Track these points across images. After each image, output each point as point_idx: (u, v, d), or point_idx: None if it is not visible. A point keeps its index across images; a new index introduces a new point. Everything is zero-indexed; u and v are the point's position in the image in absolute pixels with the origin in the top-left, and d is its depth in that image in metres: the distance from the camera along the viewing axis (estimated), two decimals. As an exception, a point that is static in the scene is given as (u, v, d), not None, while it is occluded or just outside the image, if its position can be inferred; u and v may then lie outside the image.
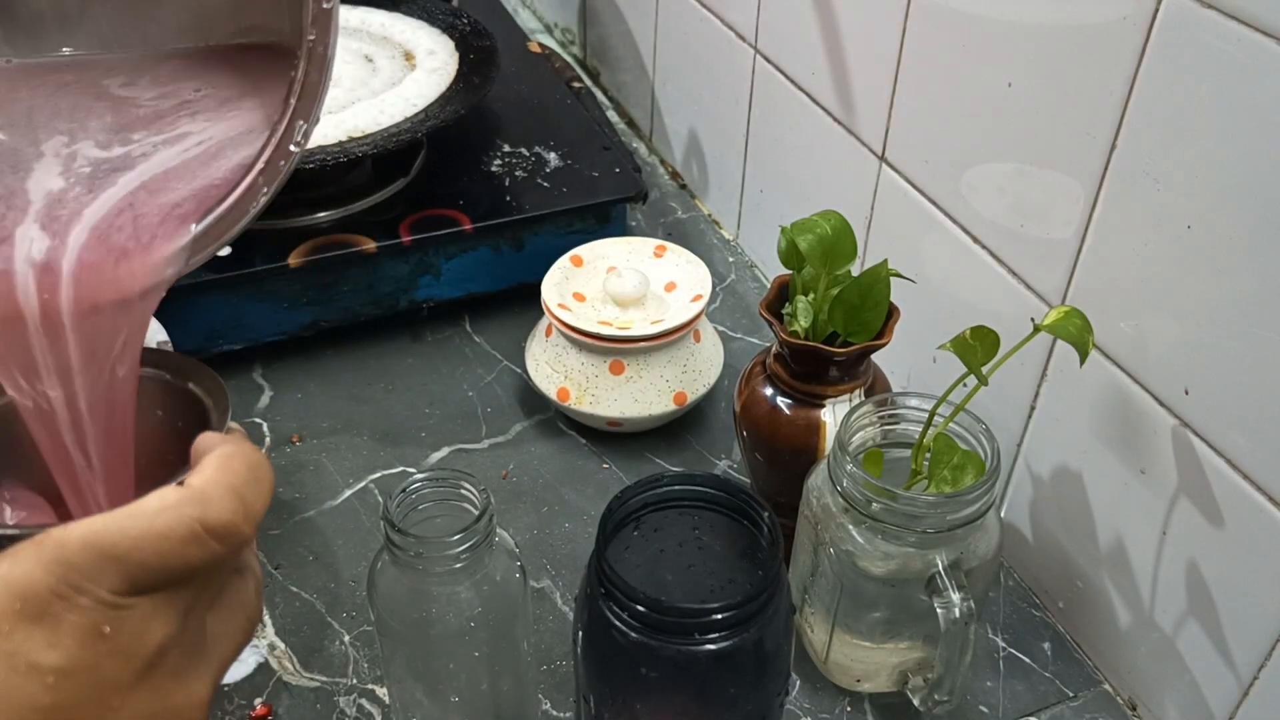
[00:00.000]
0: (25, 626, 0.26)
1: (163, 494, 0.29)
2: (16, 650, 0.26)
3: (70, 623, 0.27)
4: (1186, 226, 0.48)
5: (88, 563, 0.27)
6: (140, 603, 0.28)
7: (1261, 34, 0.42)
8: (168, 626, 0.28)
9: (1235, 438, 0.48)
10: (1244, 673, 0.51)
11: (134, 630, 0.28)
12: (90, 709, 0.27)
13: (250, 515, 0.30)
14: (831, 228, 0.56)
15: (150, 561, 0.27)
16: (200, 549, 0.28)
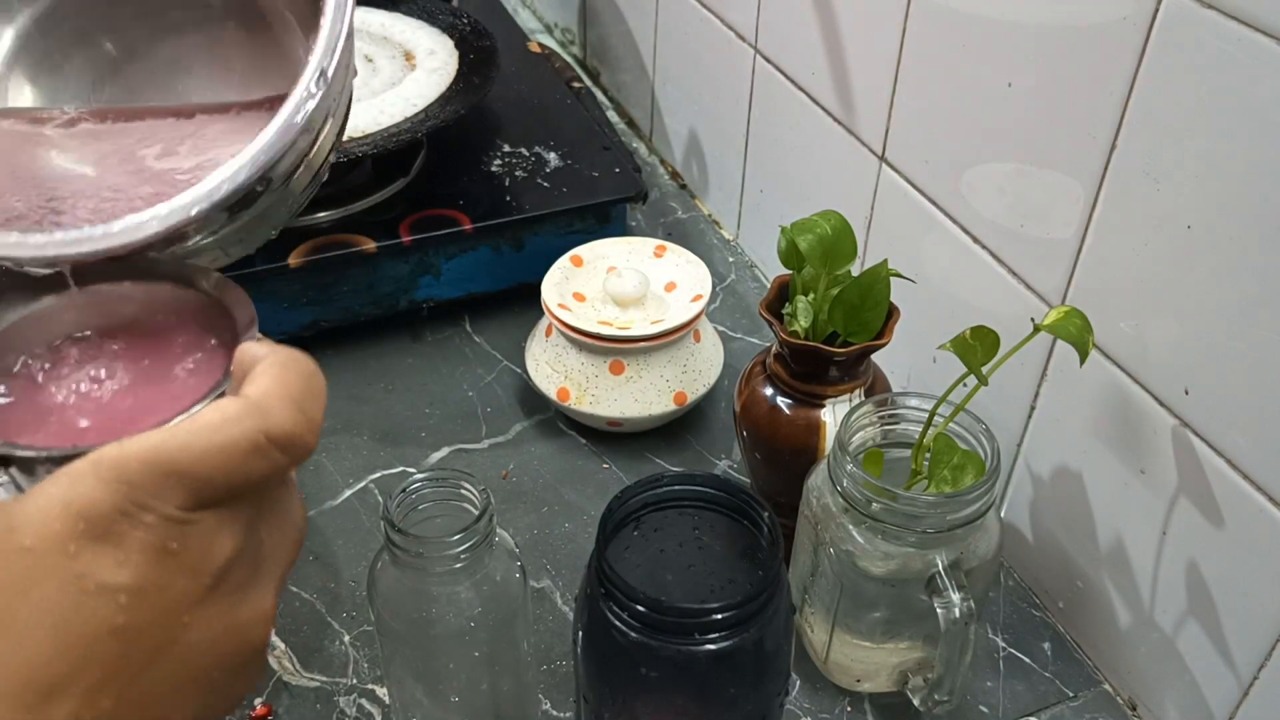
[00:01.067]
0: (92, 547, 0.25)
1: (221, 407, 0.28)
2: (85, 572, 0.25)
3: (137, 541, 0.26)
4: (1186, 226, 0.48)
5: (150, 480, 0.26)
6: (205, 517, 0.27)
7: (1261, 34, 0.42)
8: (233, 540, 0.28)
9: (1235, 438, 0.48)
10: (1244, 673, 0.51)
11: (200, 546, 0.27)
12: (162, 628, 0.27)
13: (312, 425, 0.29)
14: (831, 228, 0.56)
15: (214, 476, 0.27)
16: (264, 461, 0.28)
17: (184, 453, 0.27)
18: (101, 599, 0.25)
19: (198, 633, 0.27)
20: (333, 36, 0.38)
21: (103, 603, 0.26)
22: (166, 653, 0.27)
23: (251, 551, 0.29)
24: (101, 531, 0.26)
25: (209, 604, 0.28)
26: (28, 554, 0.25)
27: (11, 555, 0.25)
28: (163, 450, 0.26)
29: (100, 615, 0.25)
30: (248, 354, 0.30)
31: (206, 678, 0.28)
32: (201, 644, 0.27)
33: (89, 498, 0.26)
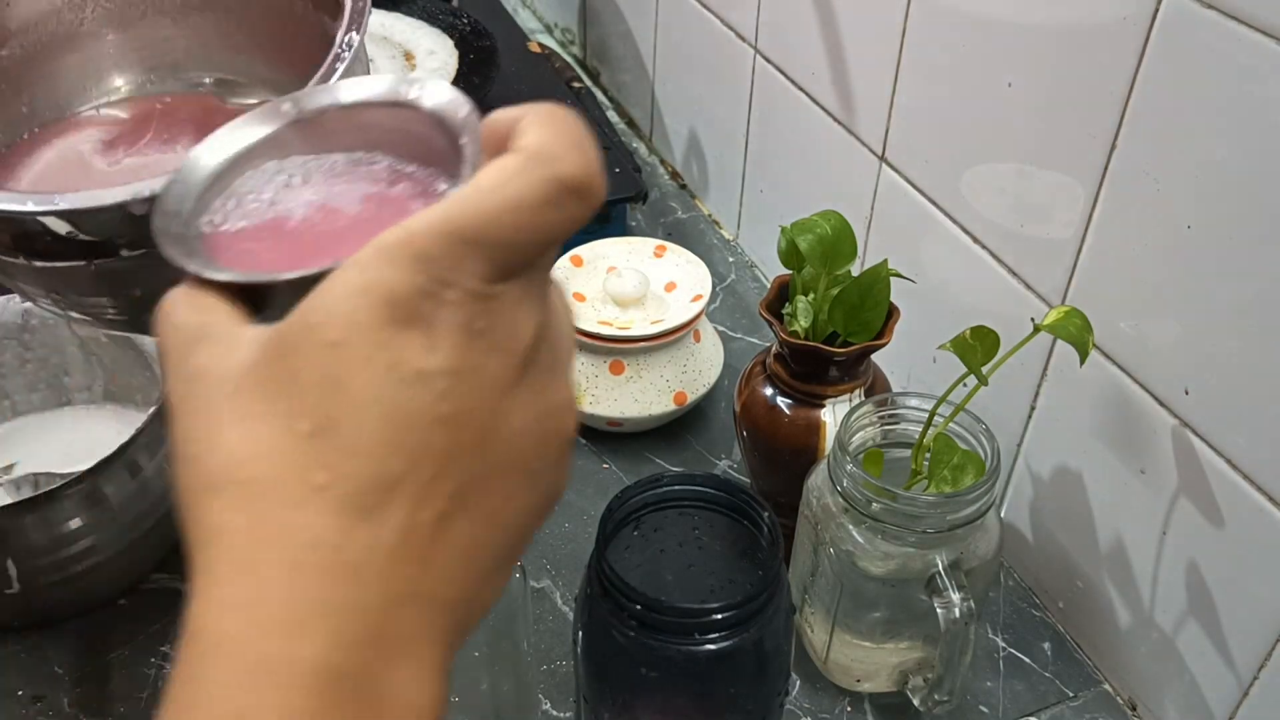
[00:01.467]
0: (401, 333, 0.23)
1: (500, 165, 0.25)
2: (398, 359, 0.23)
3: (444, 321, 0.24)
4: (1187, 226, 0.48)
5: (446, 252, 0.24)
6: (507, 290, 0.25)
7: (1262, 34, 0.42)
8: (535, 315, 0.26)
9: (1235, 438, 0.48)
10: (1244, 673, 0.51)
11: (507, 323, 0.25)
12: (482, 414, 0.24)
13: (600, 168, 0.26)
14: (831, 228, 0.56)
15: (510, 236, 0.24)
16: (558, 212, 0.25)
17: (477, 216, 0.24)
18: (420, 387, 0.24)
19: (517, 418, 0.25)
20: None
21: (422, 390, 0.24)
22: (490, 442, 0.25)
23: (550, 332, 0.27)
24: (407, 315, 0.23)
25: (522, 387, 0.25)
26: (336, 348, 0.23)
27: (319, 352, 0.23)
28: (454, 219, 0.24)
29: (423, 404, 0.24)
30: (500, 118, 0.27)
31: (529, 468, 0.26)
32: (521, 430, 0.25)
33: (389, 282, 0.23)
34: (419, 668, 0.24)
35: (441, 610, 0.24)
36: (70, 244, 0.36)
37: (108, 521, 0.57)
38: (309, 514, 0.23)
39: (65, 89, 0.48)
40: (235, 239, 0.30)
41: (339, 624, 0.23)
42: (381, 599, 0.23)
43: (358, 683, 0.23)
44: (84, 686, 0.56)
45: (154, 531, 0.59)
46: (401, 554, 0.23)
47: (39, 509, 0.54)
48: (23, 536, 0.54)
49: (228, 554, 0.23)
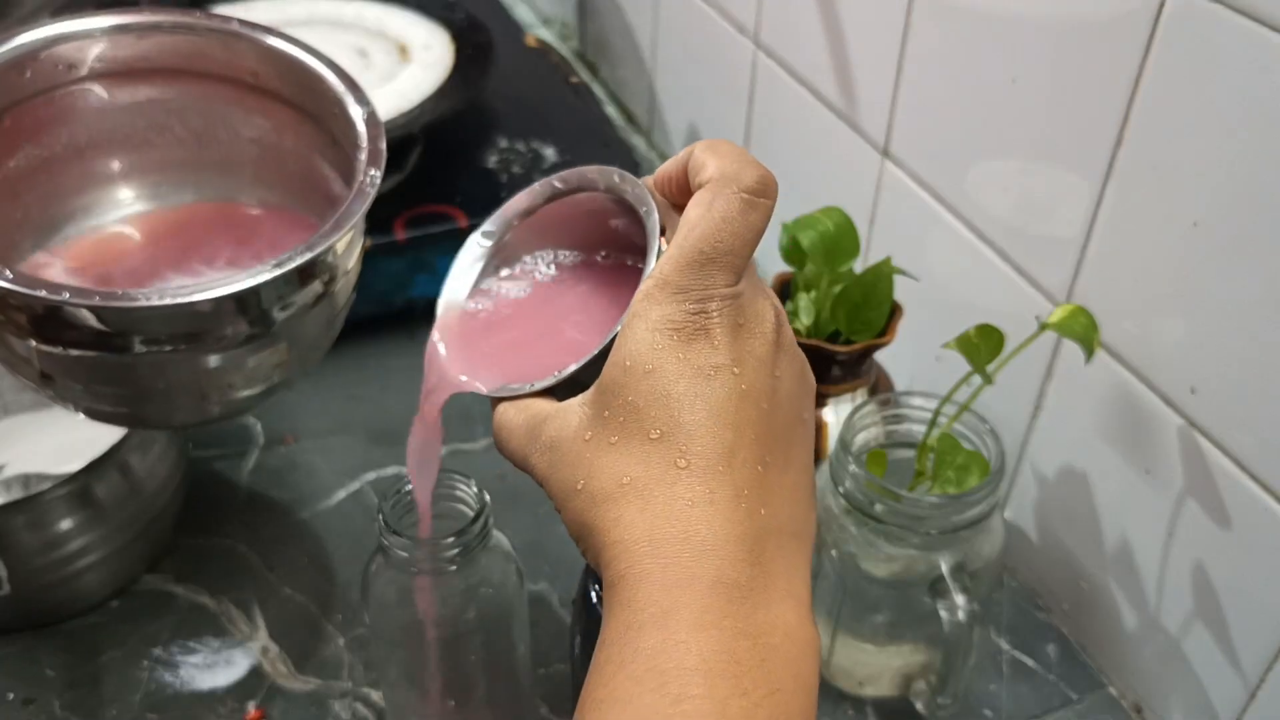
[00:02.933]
0: (692, 346, 0.31)
1: (697, 199, 0.33)
2: (699, 364, 0.31)
3: (716, 325, 0.32)
4: (1193, 224, 0.47)
5: (695, 276, 0.32)
6: (744, 288, 0.32)
7: (1268, 28, 0.42)
8: (769, 298, 0.34)
9: (1242, 438, 0.48)
10: (1250, 675, 0.50)
11: (755, 312, 0.33)
12: (766, 384, 0.32)
13: (766, 170, 0.33)
14: (834, 224, 0.55)
15: (732, 244, 0.32)
16: (756, 212, 0.32)
17: (703, 240, 0.32)
18: (722, 376, 0.31)
19: (785, 381, 0.33)
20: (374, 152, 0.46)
21: (724, 378, 0.31)
22: (776, 403, 0.32)
23: (781, 309, 0.35)
24: (690, 332, 0.32)
25: (780, 358, 0.33)
26: (652, 374, 0.31)
27: (642, 381, 0.31)
28: (688, 251, 0.32)
29: (729, 387, 0.31)
30: (670, 167, 0.35)
31: (802, 417, 0.34)
32: (790, 390, 0.33)
33: (667, 315, 0.32)
34: (787, 589, 0.31)
35: (789, 541, 0.32)
36: (89, 333, 0.40)
37: (99, 522, 0.56)
38: (681, 486, 0.30)
39: (70, 199, 0.51)
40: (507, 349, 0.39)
41: (726, 550, 0.30)
42: (750, 530, 0.30)
43: (745, 592, 0.30)
44: (75, 689, 0.56)
45: (146, 533, 0.59)
46: (754, 498, 0.31)
47: (30, 510, 0.54)
48: (13, 538, 0.54)
49: (629, 532, 0.30)
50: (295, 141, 0.50)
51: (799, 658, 0.30)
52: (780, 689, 0.29)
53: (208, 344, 0.41)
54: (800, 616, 0.31)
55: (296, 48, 0.49)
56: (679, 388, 0.31)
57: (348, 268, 0.46)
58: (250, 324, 0.42)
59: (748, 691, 0.28)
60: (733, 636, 0.29)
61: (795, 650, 0.30)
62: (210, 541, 0.64)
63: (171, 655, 0.58)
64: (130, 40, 0.48)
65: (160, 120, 0.51)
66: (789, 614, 0.30)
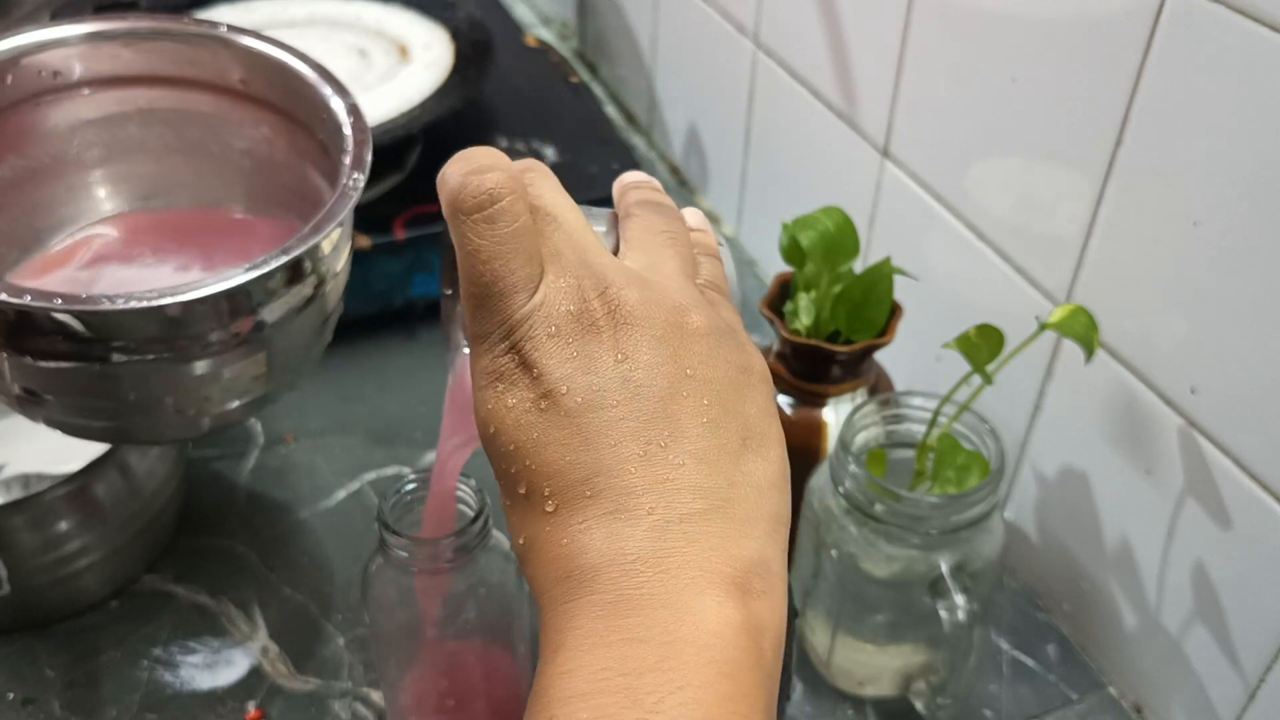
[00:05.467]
0: (515, 387, 0.30)
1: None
2: (527, 403, 0.29)
3: (530, 354, 0.30)
4: (1193, 223, 0.47)
5: (483, 321, 0.30)
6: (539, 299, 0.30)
7: (1268, 28, 0.42)
8: (584, 275, 0.31)
9: (1243, 438, 0.48)
10: (1250, 676, 0.50)
11: (566, 315, 0.30)
12: (612, 375, 0.29)
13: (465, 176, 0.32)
14: (833, 224, 0.55)
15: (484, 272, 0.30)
16: (483, 226, 0.30)
17: (464, 280, 0.31)
18: (552, 402, 0.29)
19: (644, 351, 0.30)
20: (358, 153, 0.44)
21: (555, 403, 0.29)
22: (635, 384, 0.29)
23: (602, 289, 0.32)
24: (511, 375, 0.30)
25: (624, 334, 0.30)
26: (499, 434, 0.30)
27: (494, 443, 0.30)
28: (465, 296, 0.31)
29: (564, 410, 0.29)
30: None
31: (684, 374, 0.30)
32: (650, 359, 0.30)
33: (484, 371, 0.30)
34: (700, 574, 0.28)
35: (700, 523, 0.28)
36: (74, 342, 0.39)
37: (98, 522, 0.56)
38: (555, 530, 0.29)
39: (55, 209, 0.50)
40: None
41: (609, 571, 0.28)
42: (635, 539, 0.28)
43: (638, 599, 0.27)
44: (75, 689, 0.56)
45: (145, 533, 0.59)
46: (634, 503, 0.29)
47: (29, 510, 0.53)
48: (13, 537, 0.54)
49: (535, 585, 0.29)
50: (287, 152, 0.49)
51: (717, 643, 0.27)
52: (688, 684, 0.26)
53: (191, 351, 0.40)
54: (720, 598, 0.27)
55: (282, 51, 0.47)
56: (520, 437, 0.29)
57: (335, 270, 0.45)
58: (235, 329, 0.40)
59: (641, 699, 0.25)
60: (624, 646, 0.26)
61: (710, 637, 0.27)
62: (210, 541, 0.64)
63: (171, 655, 0.58)
64: (115, 47, 0.47)
65: (151, 130, 0.50)
66: (704, 599, 0.27)
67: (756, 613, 0.28)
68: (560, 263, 0.30)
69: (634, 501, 0.28)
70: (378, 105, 0.75)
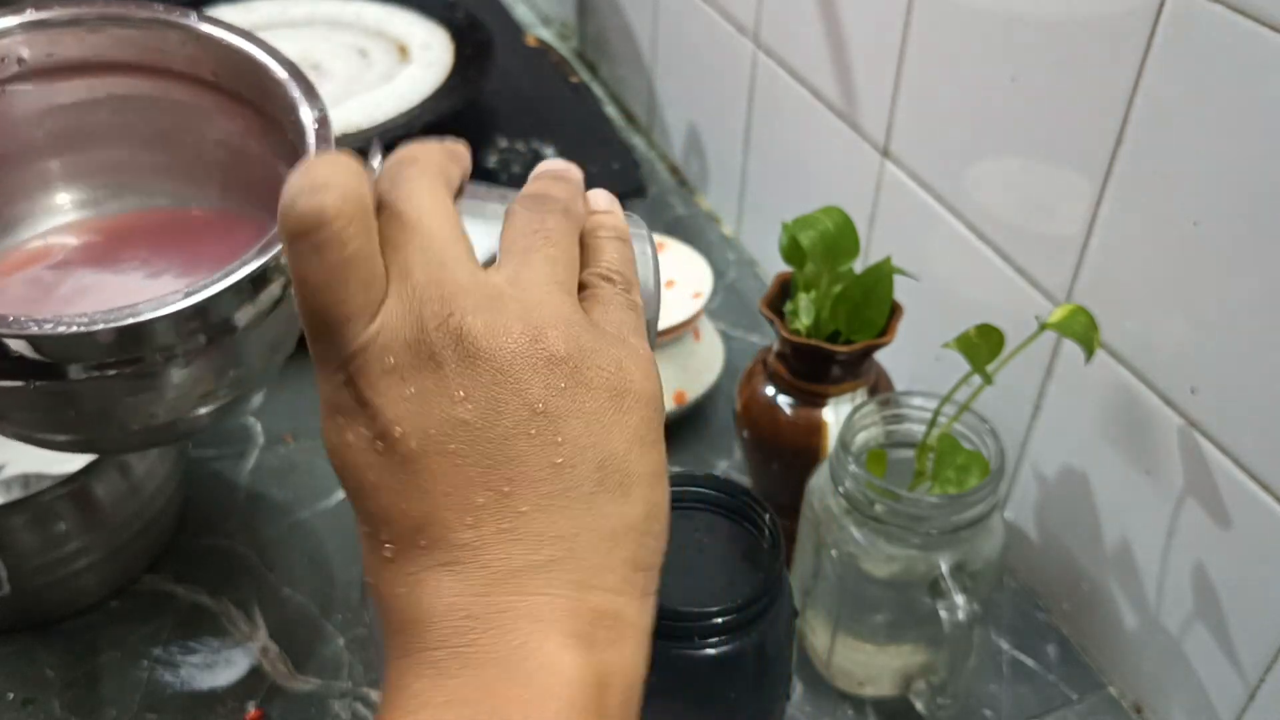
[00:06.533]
0: (354, 424, 0.27)
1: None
2: (364, 441, 0.27)
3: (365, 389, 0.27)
4: (1193, 223, 0.47)
5: (322, 351, 0.28)
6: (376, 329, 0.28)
7: (1269, 29, 0.42)
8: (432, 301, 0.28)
9: (1243, 438, 0.48)
10: (1250, 675, 0.50)
11: (403, 345, 0.27)
12: (445, 415, 0.27)
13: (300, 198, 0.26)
14: (834, 224, 0.55)
15: (316, 304, 0.27)
16: (311, 255, 0.27)
17: (300, 310, 0.28)
18: (388, 446, 0.27)
19: (481, 389, 0.27)
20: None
21: (391, 447, 0.27)
22: (473, 430, 0.27)
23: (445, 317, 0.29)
24: (350, 410, 0.28)
25: (467, 373, 0.27)
26: (344, 470, 0.28)
27: (341, 475, 0.28)
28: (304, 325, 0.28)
29: (401, 453, 0.27)
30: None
31: (534, 411, 0.27)
32: (488, 397, 0.27)
33: (326, 401, 0.28)
34: (536, 626, 0.26)
35: (538, 575, 0.26)
36: (22, 362, 0.37)
37: (98, 523, 0.56)
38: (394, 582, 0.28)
39: (19, 200, 0.48)
40: None
41: (437, 629, 0.26)
42: (464, 594, 0.26)
43: (465, 658, 0.26)
44: (75, 689, 0.56)
45: (145, 533, 0.59)
46: (469, 556, 0.27)
47: (29, 510, 0.53)
48: (13, 537, 0.54)
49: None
50: (261, 146, 0.47)
51: (550, 702, 0.25)
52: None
53: (153, 363, 0.39)
54: (557, 653, 0.25)
55: (250, 44, 0.45)
56: (359, 477, 0.27)
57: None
58: (200, 338, 0.39)
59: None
60: (450, 709, 0.25)
61: (542, 695, 0.25)
62: (210, 542, 0.64)
63: (171, 655, 0.58)
64: (82, 33, 0.45)
65: (123, 118, 0.47)
66: (539, 655, 0.25)
67: (602, 664, 0.26)
68: (406, 284, 0.27)
69: (468, 554, 0.26)
70: (378, 105, 0.75)
